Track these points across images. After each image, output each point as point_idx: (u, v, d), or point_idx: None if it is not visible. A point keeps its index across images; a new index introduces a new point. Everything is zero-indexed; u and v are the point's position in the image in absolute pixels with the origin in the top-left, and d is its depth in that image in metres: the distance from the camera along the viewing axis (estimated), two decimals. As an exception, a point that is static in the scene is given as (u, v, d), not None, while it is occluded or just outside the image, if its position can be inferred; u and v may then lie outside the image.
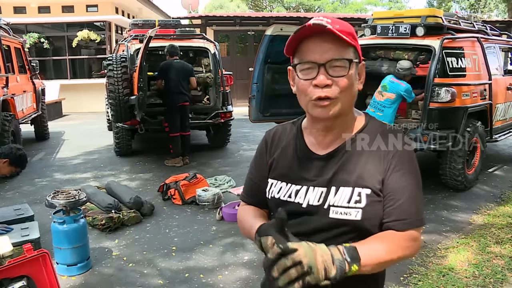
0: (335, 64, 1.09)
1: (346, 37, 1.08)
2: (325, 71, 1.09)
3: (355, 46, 1.13)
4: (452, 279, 3.27)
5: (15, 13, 12.99)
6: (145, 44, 5.81)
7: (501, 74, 6.20)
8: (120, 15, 14.31)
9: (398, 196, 1.13)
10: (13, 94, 6.64)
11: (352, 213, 1.12)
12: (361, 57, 1.17)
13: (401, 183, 1.14)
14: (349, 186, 1.14)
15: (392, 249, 1.10)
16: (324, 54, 1.09)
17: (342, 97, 1.12)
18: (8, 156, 3.30)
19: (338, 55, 1.09)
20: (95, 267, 3.54)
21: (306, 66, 1.12)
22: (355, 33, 1.15)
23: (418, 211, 1.16)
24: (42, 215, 4.41)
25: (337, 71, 1.10)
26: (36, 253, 2.42)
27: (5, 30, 7.36)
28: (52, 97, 12.07)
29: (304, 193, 1.18)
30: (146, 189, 5.59)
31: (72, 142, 8.76)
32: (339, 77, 1.10)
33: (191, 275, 3.41)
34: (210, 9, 25.62)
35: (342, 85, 1.10)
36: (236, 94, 12.39)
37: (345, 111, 1.15)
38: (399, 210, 1.13)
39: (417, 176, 1.18)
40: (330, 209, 1.14)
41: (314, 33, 1.10)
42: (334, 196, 1.14)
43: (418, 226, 1.16)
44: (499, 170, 6.42)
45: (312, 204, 1.16)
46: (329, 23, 1.08)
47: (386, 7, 28.83)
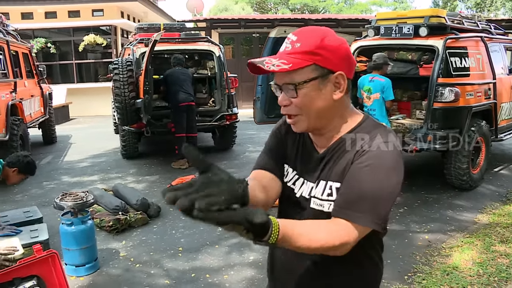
0: (288, 88, 1.17)
1: (290, 63, 1.11)
2: (283, 92, 1.19)
3: (315, 63, 1.13)
4: (456, 278, 3.28)
5: (23, 19, 13.16)
6: (150, 48, 5.88)
7: (506, 73, 6.19)
8: (126, 19, 14.43)
9: (351, 184, 1.12)
10: (21, 98, 6.74)
11: (325, 205, 1.20)
12: (335, 67, 1.15)
13: (361, 175, 1.12)
14: (324, 180, 1.22)
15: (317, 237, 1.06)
16: (281, 78, 1.18)
17: (304, 114, 1.18)
18: (16, 165, 3.35)
19: (288, 80, 1.16)
20: (103, 268, 3.60)
21: (274, 87, 1.22)
22: (325, 43, 1.14)
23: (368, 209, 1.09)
24: (51, 217, 4.48)
25: (290, 93, 1.17)
26: (46, 253, 2.47)
27: (13, 36, 7.46)
28: (59, 101, 12.20)
29: (300, 184, 1.30)
30: (152, 191, 5.64)
31: (79, 146, 8.86)
32: (292, 98, 1.17)
33: (197, 275, 3.45)
34: (215, 11, 25.72)
35: (297, 105, 1.18)
36: (241, 96, 12.45)
37: (317, 124, 1.21)
38: (345, 197, 1.13)
39: (388, 175, 1.12)
40: (311, 199, 1.24)
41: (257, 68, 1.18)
42: (315, 188, 1.24)
43: (358, 223, 1.09)
44: (505, 169, 6.40)
45: (304, 196, 1.27)
46: (293, 43, 1.15)
47: (391, 7, 28.79)
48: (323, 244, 1.06)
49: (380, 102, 5.00)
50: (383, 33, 5.59)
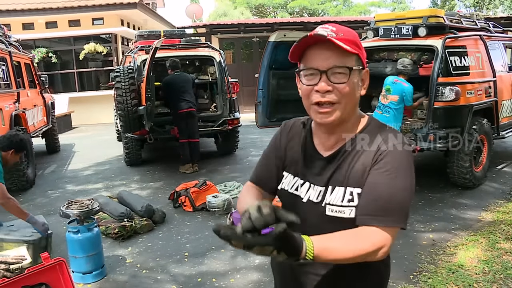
0: (336, 71, 1.15)
1: (347, 45, 1.13)
2: (327, 77, 1.15)
3: (358, 54, 1.18)
4: (462, 276, 3.29)
5: (24, 30, 13.24)
6: (151, 55, 5.92)
7: (506, 71, 6.20)
8: (126, 27, 14.50)
9: (372, 192, 1.14)
10: (24, 108, 6.78)
11: (346, 211, 1.18)
12: (365, 64, 1.22)
13: (384, 180, 1.14)
14: (342, 186, 1.20)
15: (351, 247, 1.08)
16: (326, 61, 1.15)
17: (343, 102, 1.17)
18: (11, 146, 3.47)
19: (340, 63, 1.15)
20: (110, 275, 3.62)
21: (309, 72, 1.18)
22: (359, 41, 1.20)
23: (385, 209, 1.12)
24: (57, 226, 4.51)
25: (338, 78, 1.15)
26: (54, 261, 2.50)
27: (15, 46, 7.52)
28: (61, 110, 12.27)
29: (306, 189, 1.28)
30: (157, 197, 5.67)
31: (82, 154, 8.90)
32: (340, 83, 1.16)
33: (204, 280, 3.47)
34: (214, 17, 25.81)
35: (343, 92, 1.16)
36: (242, 100, 12.48)
37: (347, 117, 1.21)
38: (374, 205, 1.13)
39: (406, 176, 1.16)
40: (327, 207, 1.21)
41: (318, 41, 1.16)
42: (330, 195, 1.22)
43: (392, 226, 1.13)
44: (508, 167, 6.41)
45: (312, 200, 1.25)
46: (333, 31, 1.15)
47: (389, 8, 28.84)
48: (360, 253, 1.08)
49: (395, 104, 5.07)
50: (382, 34, 5.63)
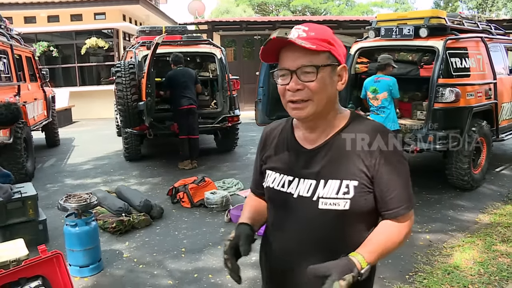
0: (305, 70, 1.21)
1: (313, 44, 1.19)
2: (297, 77, 1.22)
3: (330, 51, 1.23)
4: (457, 277, 3.30)
5: (26, 23, 13.23)
6: (152, 51, 5.92)
7: (506, 73, 6.21)
8: (128, 23, 14.49)
9: (393, 187, 1.25)
10: (24, 102, 6.78)
11: (341, 203, 1.23)
12: (341, 60, 1.27)
13: (393, 176, 1.25)
14: (338, 178, 1.24)
15: (394, 239, 1.26)
16: (295, 62, 1.22)
17: (315, 99, 1.23)
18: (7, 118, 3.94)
19: (307, 62, 1.21)
20: (107, 269, 3.63)
21: (282, 73, 1.25)
22: (333, 38, 1.25)
23: (410, 196, 1.29)
24: (55, 219, 4.53)
25: (308, 77, 1.21)
26: (51, 254, 2.51)
27: (16, 40, 7.52)
28: (62, 104, 12.27)
29: (296, 184, 1.30)
30: (155, 192, 5.68)
31: (82, 148, 8.91)
32: (309, 82, 1.21)
33: (200, 276, 3.48)
34: (217, 14, 25.79)
35: (313, 89, 1.22)
36: (243, 98, 12.49)
37: (322, 112, 1.26)
38: (396, 199, 1.26)
39: (405, 166, 1.29)
40: (319, 200, 1.25)
41: (283, 44, 1.22)
42: (323, 188, 1.25)
43: (411, 209, 1.30)
44: (506, 170, 6.42)
45: (302, 195, 1.28)
46: (305, 31, 1.22)
47: (392, 8, 28.82)
48: (400, 245, 1.28)
49: (389, 100, 5.05)
50: (384, 34, 5.63)
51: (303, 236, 1.28)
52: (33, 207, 3.97)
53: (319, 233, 1.26)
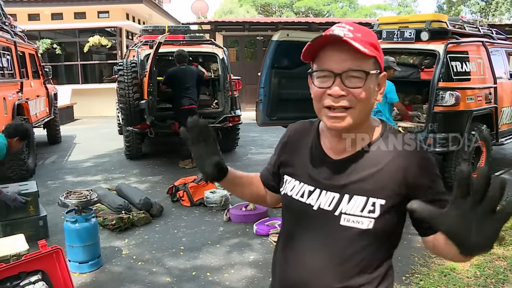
0: (352, 75, 1.07)
1: (364, 48, 1.05)
2: (341, 81, 1.07)
3: (376, 57, 1.10)
4: (454, 279, 3.33)
5: (30, 20, 13.31)
6: (155, 50, 5.95)
7: (507, 78, 6.23)
8: (131, 21, 14.55)
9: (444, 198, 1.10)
10: (27, 98, 6.82)
11: (364, 222, 1.11)
12: (382, 68, 1.14)
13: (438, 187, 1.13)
14: (364, 195, 1.12)
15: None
16: (341, 64, 1.07)
17: (357, 108, 1.09)
18: (16, 134, 3.78)
19: (356, 66, 1.06)
20: (106, 265, 3.66)
21: (322, 74, 1.10)
22: (378, 43, 1.12)
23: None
24: (55, 215, 4.56)
25: (354, 82, 1.07)
26: (50, 249, 2.54)
27: (20, 37, 7.57)
28: (64, 101, 12.32)
29: (317, 196, 1.18)
30: (155, 191, 5.71)
31: (83, 146, 8.95)
32: (355, 88, 1.07)
33: (198, 273, 3.51)
34: (220, 14, 25.84)
35: (358, 97, 1.08)
36: (244, 98, 12.53)
37: (359, 123, 1.13)
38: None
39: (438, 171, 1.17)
40: (342, 216, 1.13)
41: (333, 41, 1.07)
42: (347, 204, 1.13)
43: None
44: (506, 174, 6.43)
45: (323, 208, 1.16)
46: (350, 31, 1.07)
47: (395, 11, 28.82)
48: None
49: (383, 104, 5.05)
50: (385, 37, 5.65)
51: (319, 250, 1.16)
52: (34, 203, 4.00)
53: (336, 249, 1.14)
